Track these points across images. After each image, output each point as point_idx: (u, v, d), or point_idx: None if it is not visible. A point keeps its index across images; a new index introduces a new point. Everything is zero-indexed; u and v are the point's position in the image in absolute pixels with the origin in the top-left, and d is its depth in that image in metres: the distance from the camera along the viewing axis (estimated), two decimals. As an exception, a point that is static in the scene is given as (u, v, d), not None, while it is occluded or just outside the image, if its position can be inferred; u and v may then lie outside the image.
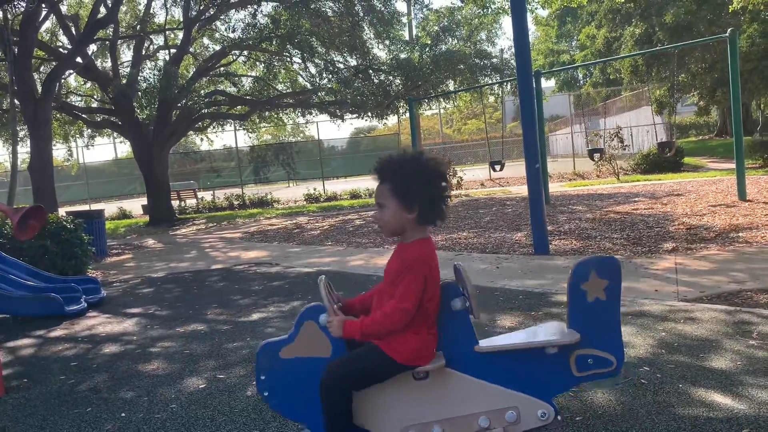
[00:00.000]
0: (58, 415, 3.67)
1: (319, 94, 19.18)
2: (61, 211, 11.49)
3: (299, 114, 21.98)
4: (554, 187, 17.51)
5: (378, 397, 2.52)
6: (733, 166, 13.98)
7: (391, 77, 19.11)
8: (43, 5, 13.76)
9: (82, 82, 21.84)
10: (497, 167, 16.83)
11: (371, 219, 13.40)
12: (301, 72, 20.09)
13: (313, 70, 18.88)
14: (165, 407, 3.63)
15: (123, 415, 3.58)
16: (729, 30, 11.16)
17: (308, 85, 19.52)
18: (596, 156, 17.48)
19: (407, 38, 21.62)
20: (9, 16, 13.27)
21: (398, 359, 2.42)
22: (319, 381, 2.48)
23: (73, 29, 17.05)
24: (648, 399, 3.17)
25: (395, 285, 2.40)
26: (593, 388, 3.30)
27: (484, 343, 2.56)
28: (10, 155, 11.43)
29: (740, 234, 7.79)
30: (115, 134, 23.41)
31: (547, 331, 2.68)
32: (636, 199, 12.95)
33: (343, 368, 2.45)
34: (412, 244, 2.45)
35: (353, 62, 19.31)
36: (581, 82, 50.82)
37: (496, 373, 2.51)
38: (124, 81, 17.65)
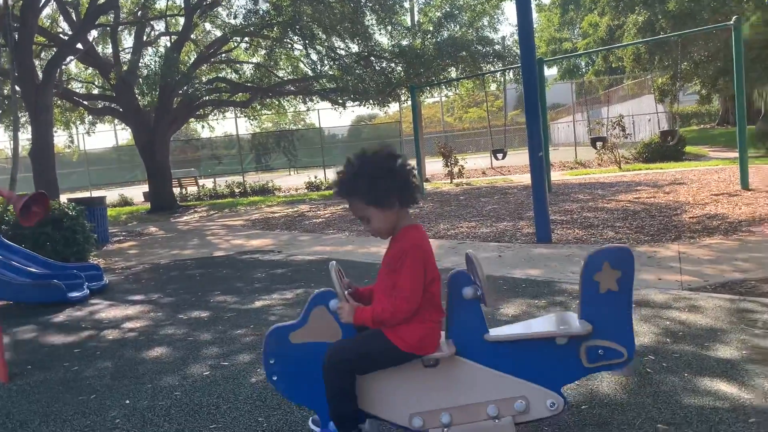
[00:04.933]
0: (62, 402, 3.67)
1: (321, 81, 19.09)
2: (63, 198, 11.47)
3: (300, 101, 21.90)
4: (556, 176, 17.46)
5: (387, 383, 2.53)
6: (734, 155, 13.93)
7: (392, 64, 19.01)
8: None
9: (83, 69, 21.73)
10: (499, 156, 16.79)
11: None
12: (302, 59, 20.01)
13: (314, 56, 18.79)
14: (169, 394, 3.63)
15: (127, 402, 3.58)
16: (733, 18, 11.07)
17: (310, 72, 19.43)
18: (598, 144, 17.41)
19: (409, 24, 21.47)
20: (10, 1, 13.17)
21: (401, 346, 2.43)
22: None
23: (73, 15, 16.97)
24: (653, 388, 3.17)
25: (395, 272, 2.41)
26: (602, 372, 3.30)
27: (495, 332, 2.55)
28: (12, 142, 11.40)
29: (743, 223, 7.77)
30: (116, 121, 23.37)
31: (558, 322, 2.68)
32: (638, 187, 12.91)
33: (346, 351, 2.47)
34: (403, 232, 2.47)
35: (355, 49, 19.22)
36: (583, 70, 50.60)
37: (506, 362, 2.51)
38: (125, 67, 17.57)
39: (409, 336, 2.42)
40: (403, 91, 20.04)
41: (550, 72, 54.67)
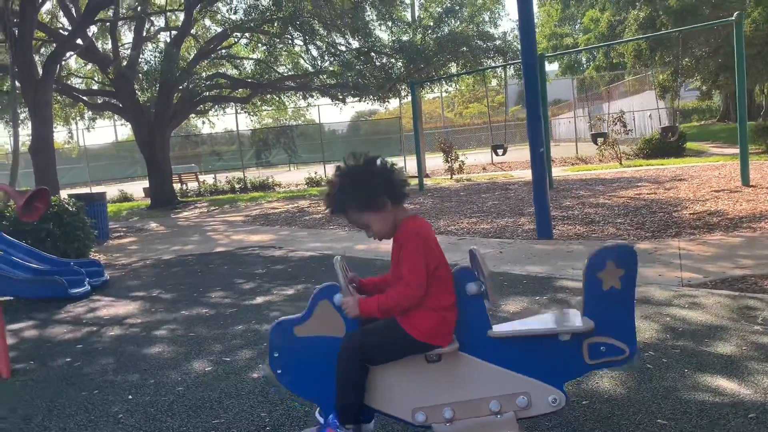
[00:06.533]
0: (65, 397, 3.69)
1: (321, 76, 19.06)
2: (63, 194, 11.48)
3: (301, 97, 21.87)
4: (557, 172, 17.43)
5: (390, 378, 2.54)
6: (735, 151, 13.92)
7: (393, 60, 18.99)
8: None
9: (83, 64, 21.71)
10: (500, 151, 16.75)
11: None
12: (302, 54, 19.97)
13: (314, 52, 18.77)
14: (172, 390, 3.64)
15: (130, 397, 3.59)
16: (735, 14, 11.05)
17: (310, 68, 19.40)
18: (599, 140, 17.40)
19: (409, 19, 21.43)
20: (9, -4, 13.15)
21: (415, 335, 2.44)
22: (332, 360, 2.50)
23: (73, 10, 16.92)
24: (654, 384, 3.18)
25: (399, 265, 2.46)
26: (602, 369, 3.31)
27: (497, 328, 2.56)
28: (11, 137, 11.40)
29: (744, 219, 7.78)
30: (115, 117, 23.35)
31: (561, 318, 2.69)
32: (639, 183, 12.91)
33: (362, 340, 2.49)
34: (401, 225, 2.51)
35: (355, 44, 19.19)
36: (584, 65, 50.48)
37: (509, 359, 2.52)
38: (124, 63, 17.54)
39: (422, 325, 2.44)
40: (404, 87, 20.03)
41: (551, 67, 54.53)
